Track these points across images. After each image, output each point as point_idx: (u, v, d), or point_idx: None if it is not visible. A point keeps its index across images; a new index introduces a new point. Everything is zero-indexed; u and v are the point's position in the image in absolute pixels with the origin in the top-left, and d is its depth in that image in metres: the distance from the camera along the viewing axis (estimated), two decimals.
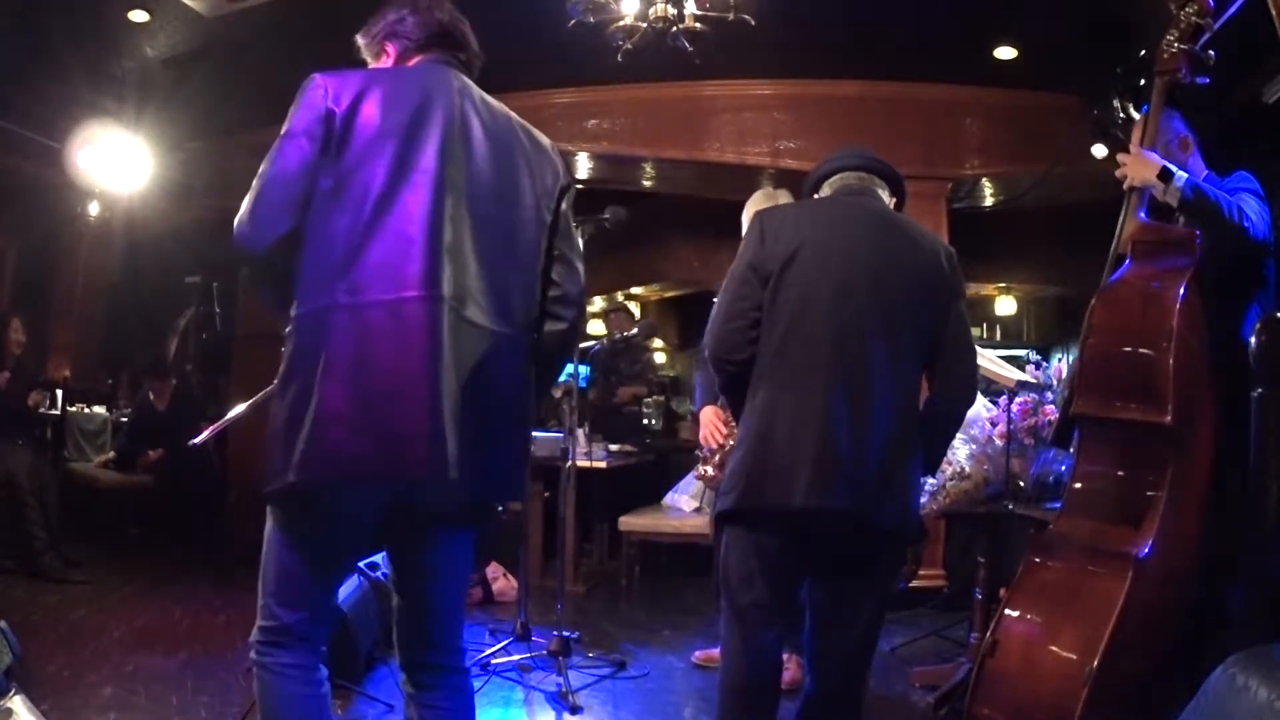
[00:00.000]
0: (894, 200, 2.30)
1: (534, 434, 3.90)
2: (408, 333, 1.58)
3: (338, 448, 1.55)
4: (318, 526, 1.69)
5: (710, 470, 3.53)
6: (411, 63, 1.84)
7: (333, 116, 1.64)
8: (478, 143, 1.74)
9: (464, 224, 1.69)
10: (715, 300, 2.28)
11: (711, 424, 3.48)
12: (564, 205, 1.88)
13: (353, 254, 1.60)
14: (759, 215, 2.18)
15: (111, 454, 5.95)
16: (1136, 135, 2.75)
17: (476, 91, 1.82)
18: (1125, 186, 2.68)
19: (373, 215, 1.60)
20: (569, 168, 1.96)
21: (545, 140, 1.91)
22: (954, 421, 2.31)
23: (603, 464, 5.24)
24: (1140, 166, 2.63)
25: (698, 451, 3.71)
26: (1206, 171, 2.81)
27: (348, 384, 1.56)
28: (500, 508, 1.77)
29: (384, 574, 3.46)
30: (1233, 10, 3.14)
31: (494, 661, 3.60)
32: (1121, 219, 2.69)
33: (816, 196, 2.32)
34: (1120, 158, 2.71)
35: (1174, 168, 2.60)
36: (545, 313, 1.84)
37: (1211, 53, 2.63)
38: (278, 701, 1.68)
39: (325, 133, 1.64)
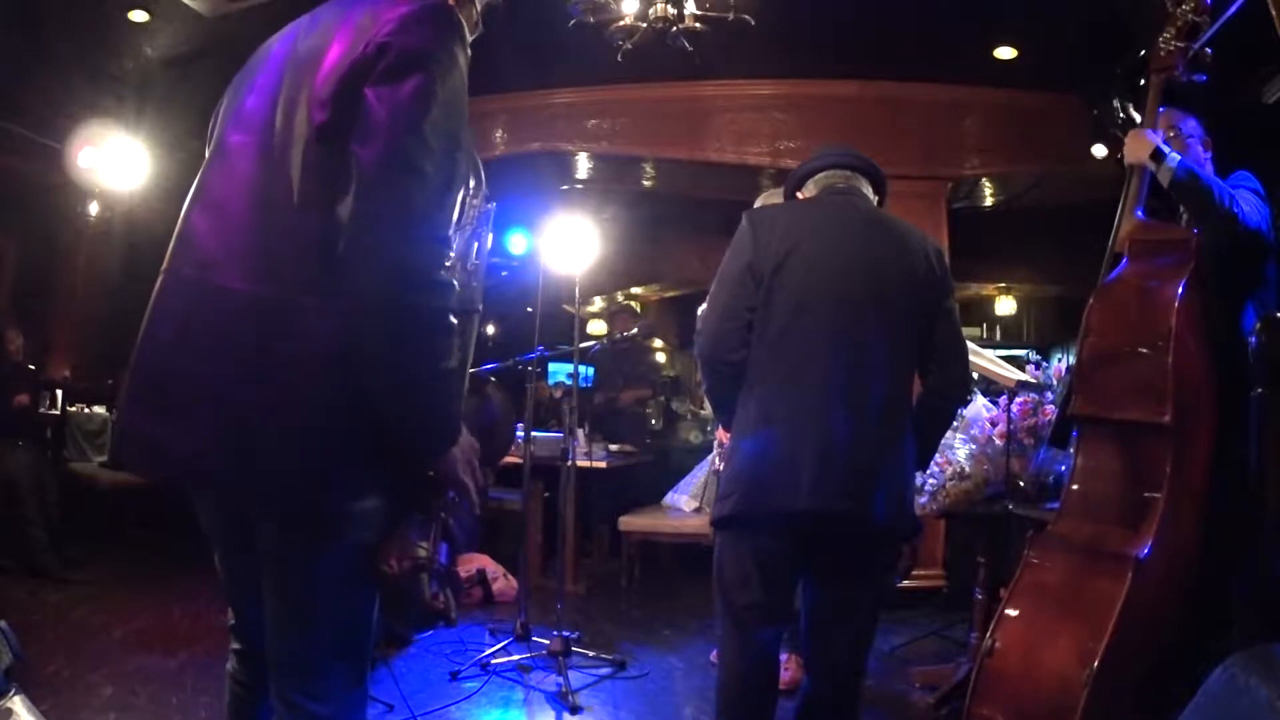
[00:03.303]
0: (877, 198, 2.30)
1: (528, 435, 3.99)
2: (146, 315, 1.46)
3: None
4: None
5: None
6: None
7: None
8: (268, 69, 1.43)
9: (238, 176, 1.40)
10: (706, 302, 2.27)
11: None
12: (380, 85, 1.28)
13: None
14: (749, 215, 2.17)
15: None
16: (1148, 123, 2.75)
17: (306, 22, 1.48)
18: (1125, 163, 2.69)
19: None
20: (393, 49, 1.29)
21: (383, 11, 1.35)
22: (947, 418, 2.31)
23: (603, 464, 5.24)
24: (1136, 145, 2.64)
25: (718, 444, 3.71)
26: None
27: None
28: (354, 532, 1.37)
29: None
30: (1232, 10, 3.14)
31: (494, 661, 3.60)
32: (1118, 217, 2.68)
33: (801, 195, 2.32)
34: (1127, 137, 2.72)
35: (1167, 148, 2.60)
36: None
37: (1208, 50, 2.62)
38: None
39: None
